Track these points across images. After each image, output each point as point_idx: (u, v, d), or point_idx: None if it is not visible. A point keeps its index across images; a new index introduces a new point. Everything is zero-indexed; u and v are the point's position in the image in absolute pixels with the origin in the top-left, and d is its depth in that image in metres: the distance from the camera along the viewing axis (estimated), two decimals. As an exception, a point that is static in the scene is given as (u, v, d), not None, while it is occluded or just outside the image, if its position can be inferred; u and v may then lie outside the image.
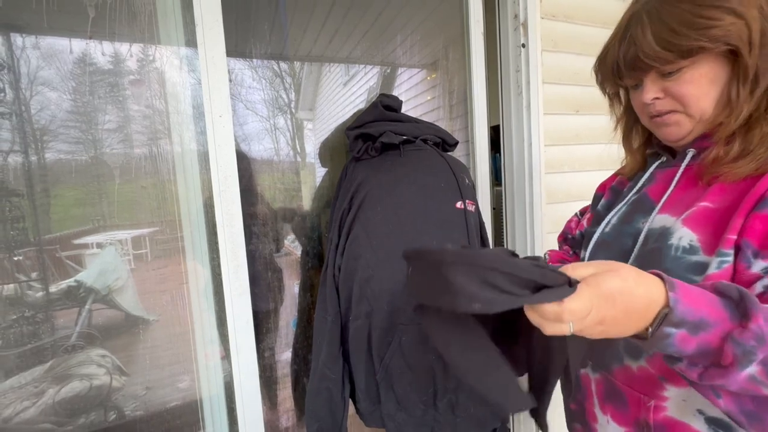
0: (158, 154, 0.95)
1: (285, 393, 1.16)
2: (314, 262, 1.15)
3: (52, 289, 0.94)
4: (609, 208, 0.70)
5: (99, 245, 0.95)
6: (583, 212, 0.86)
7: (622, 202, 0.66)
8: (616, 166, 1.68)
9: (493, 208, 1.41)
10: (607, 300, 0.38)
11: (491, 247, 1.09)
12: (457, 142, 1.00)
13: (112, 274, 1.01)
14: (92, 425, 0.97)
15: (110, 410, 1.00)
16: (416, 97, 1.43)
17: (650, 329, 0.40)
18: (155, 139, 0.95)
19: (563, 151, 1.36)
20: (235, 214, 0.93)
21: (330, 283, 0.90)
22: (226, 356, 0.99)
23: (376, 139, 0.90)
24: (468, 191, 0.93)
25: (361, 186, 0.89)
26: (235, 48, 1.02)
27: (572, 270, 0.39)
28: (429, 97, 1.44)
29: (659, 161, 0.65)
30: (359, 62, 1.29)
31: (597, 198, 0.78)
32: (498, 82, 1.37)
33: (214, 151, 0.90)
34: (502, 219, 1.46)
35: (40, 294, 0.93)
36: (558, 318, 0.37)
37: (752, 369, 0.38)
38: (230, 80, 0.96)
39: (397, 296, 0.84)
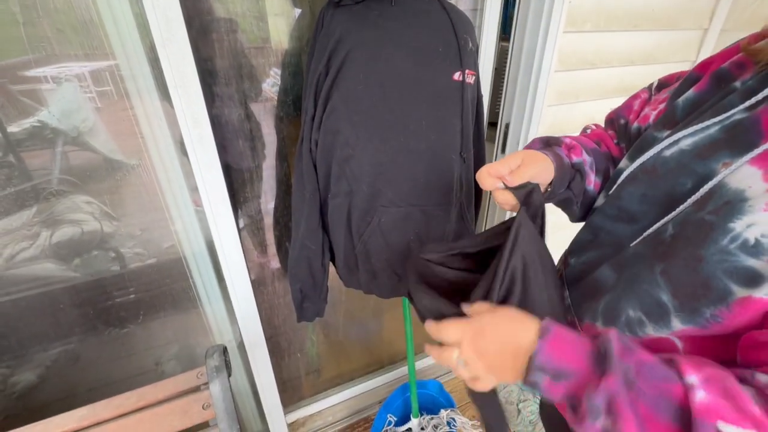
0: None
1: (271, 237, 1.21)
2: (290, 110, 1.02)
3: (14, 128, 0.85)
4: (692, 110, 0.46)
5: (54, 80, 0.82)
6: (662, 84, 0.58)
7: (717, 117, 0.41)
8: (652, 27, 1.43)
9: (495, 68, 1.24)
10: (477, 333, 0.41)
11: (485, 121, 0.99)
12: (464, -14, 0.78)
13: (77, 113, 0.91)
14: (96, 262, 1.02)
15: (109, 251, 1.06)
16: None
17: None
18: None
19: (590, 1, 1.11)
20: (184, 56, 0.76)
21: (306, 159, 0.83)
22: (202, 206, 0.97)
23: (361, -24, 0.68)
24: (469, 57, 0.78)
25: (340, 44, 0.72)
26: None
27: (472, 307, 0.44)
28: None
29: None
30: None
31: (688, 81, 0.50)
32: None
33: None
34: (503, 82, 1.30)
35: (0, 134, 0.85)
36: (436, 334, 0.45)
37: (604, 422, 0.35)
38: None
39: (378, 178, 0.79)
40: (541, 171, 0.53)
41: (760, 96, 0.39)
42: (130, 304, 1.09)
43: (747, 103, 0.40)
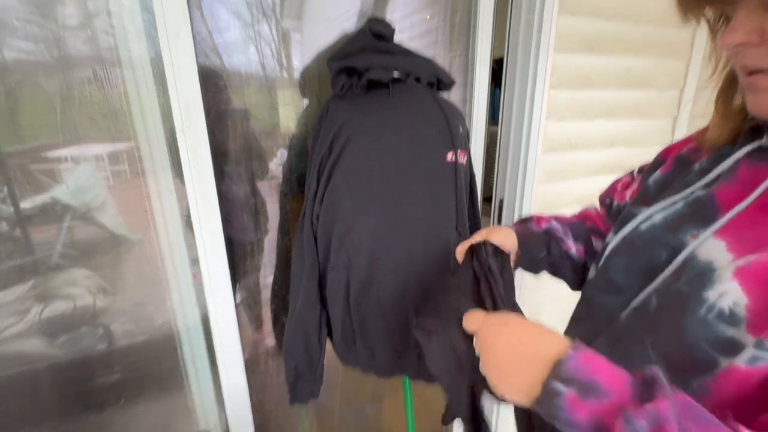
0: (128, 61, 0.82)
1: (268, 313, 1.18)
2: (294, 187, 1.08)
3: (27, 204, 0.88)
4: (662, 189, 0.52)
5: (74, 159, 0.88)
6: (642, 170, 0.65)
7: (681, 194, 0.46)
8: (626, 116, 1.57)
9: (487, 148, 1.34)
10: (500, 323, 0.42)
11: (479, 198, 1.04)
12: (453, 83, 0.89)
13: (90, 190, 0.95)
14: (83, 339, 0.98)
15: (98, 328, 1.02)
16: (413, 15, 1.24)
17: (542, 382, 0.34)
18: (126, 43, 0.82)
19: (568, 96, 1.25)
20: (200, 140, 0.84)
21: (308, 232, 0.86)
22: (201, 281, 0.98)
23: (362, 74, 0.78)
24: (460, 140, 0.85)
25: (343, 129, 0.80)
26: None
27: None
28: (428, 16, 1.26)
29: (755, 145, 0.42)
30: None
31: (655, 164, 0.57)
32: (508, 7, 1.19)
33: (170, 63, 0.78)
34: (494, 161, 1.39)
35: (13, 209, 0.88)
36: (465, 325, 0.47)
37: None
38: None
39: (377, 250, 0.81)
40: (504, 238, 0.64)
41: (712, 175, 0.45)
42: (112, 385, 1.03)
43: (703, 181, 0.46)
